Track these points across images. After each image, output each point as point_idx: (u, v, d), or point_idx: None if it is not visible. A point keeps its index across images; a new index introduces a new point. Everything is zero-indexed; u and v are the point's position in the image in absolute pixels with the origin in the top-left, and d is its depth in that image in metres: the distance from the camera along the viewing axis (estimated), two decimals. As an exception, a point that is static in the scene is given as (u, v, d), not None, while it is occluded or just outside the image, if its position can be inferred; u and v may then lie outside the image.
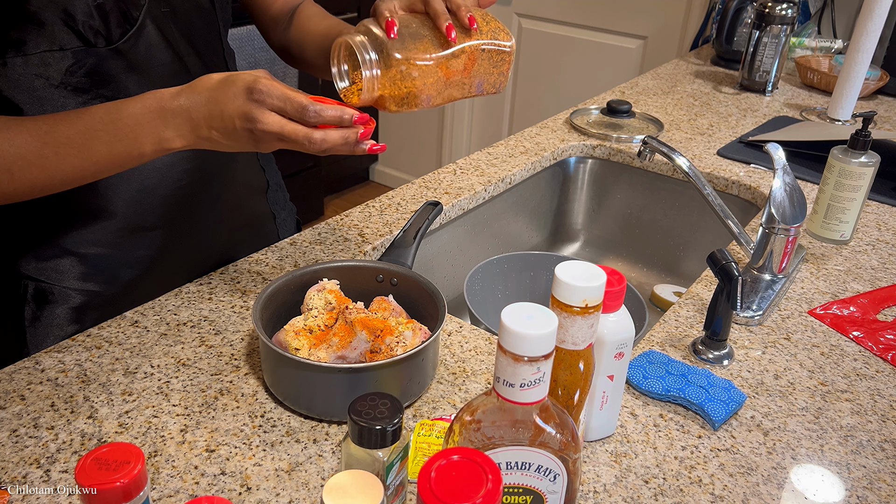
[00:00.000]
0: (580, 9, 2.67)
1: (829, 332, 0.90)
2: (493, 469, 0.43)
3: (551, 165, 1.43)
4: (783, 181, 0.95)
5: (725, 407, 0.74)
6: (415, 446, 0.67)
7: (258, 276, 0.94)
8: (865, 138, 0.97)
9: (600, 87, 2.61)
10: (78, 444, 0.67)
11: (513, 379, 0.46)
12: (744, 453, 0.71)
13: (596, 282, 0.52)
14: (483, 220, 1.29)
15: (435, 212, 0.96)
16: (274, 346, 0.69)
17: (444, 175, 1.27)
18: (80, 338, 0.81)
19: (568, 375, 0.56)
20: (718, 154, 1.40)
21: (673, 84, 1.83)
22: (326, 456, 0.68)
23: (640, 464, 0.69)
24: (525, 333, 0.45)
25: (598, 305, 0.53)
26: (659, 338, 0.87)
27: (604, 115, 1.53)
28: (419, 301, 0.80)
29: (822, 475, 0.69)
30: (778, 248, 0.96)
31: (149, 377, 0.76)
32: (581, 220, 1.53)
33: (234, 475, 0.65)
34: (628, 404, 0.77)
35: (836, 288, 0.99)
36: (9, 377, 0.74)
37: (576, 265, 0.53)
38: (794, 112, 1.67)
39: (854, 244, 1.11)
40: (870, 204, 1.24)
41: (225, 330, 0.83)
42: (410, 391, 0.73)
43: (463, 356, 0.82)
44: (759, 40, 1.74)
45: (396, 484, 0.57)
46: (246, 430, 0.70)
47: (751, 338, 0.88)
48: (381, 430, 0.53)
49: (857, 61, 1.52)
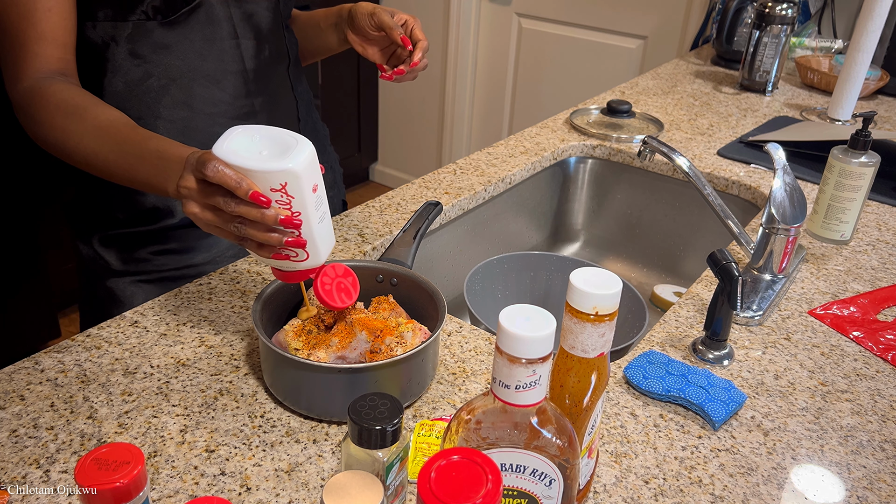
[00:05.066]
0: (580, 9, 2.67)
1: (829, 333, 0.90)
2: (493, 469, 0.43)
3: (551, 165, 1.43)
4: (783, 181, 0.95)
5: (725, 407, 0.74)
6: (415, 446, 0.67)
7: (258, 276, 0.94)
8: (865, 138, 0.96)
9: (600, 87, 2.61)
10: (77, 444, 0.67)
11: (509, 380, 0.46)
12: (744, 453, 0.71)
13: (609, 290, 0.51)
14: (483, 220, 1.29)
15: (435, 212, 0.96)
16: (274, 346, 0.69)
17: (444, 175, 1.27)
18: (80, 338, 0.81)
19: (576, 383, 0.55)
20: (718, 154, 1.40)
21: (673, 84, 1.83)
22: (326, 456, 0.67)
23: (640, 464, 0.69)
24: (522, 335, 0.45)
25: (610, 314, 0.52)
26: (659, 338, 0.87)
27: (604, 115, 1.53)
28: (419, 301, 0.80)
29: (822, 475, 0.69)
30: (778, 248, 0.96)
31: (148, 377, 0.76)
32: (581, 220, 1.53)
33: (233, 475, 0.65)
34: (628, 404, 0.77)
35: (837, 288, 0.99)
36: (8, 377, 0.74)
37: (592, 272, 0.53)
38: (795, 112, 1.67)
39: (854, 244, 1.11)
40: (870, 204, 1.24)
41: (225, 330, 0.83)
42: (410, 391, 0.73)
43: (463, 356, 0.82)
44: (759, 40, 1.74)
45: (396, 484, 0.57)
46: (246, 431, 0.70)
47: (751, 338, 0.88)
48: (381, 431, 0.53)
49: (858, 61, 1.52)
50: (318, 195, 0.68)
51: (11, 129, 2.04)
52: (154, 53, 0.92)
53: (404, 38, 0.97)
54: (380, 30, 1.00)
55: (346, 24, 1.05)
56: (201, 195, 0.66)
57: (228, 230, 0.67)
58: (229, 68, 0.97)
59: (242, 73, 0.99)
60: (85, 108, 0.82)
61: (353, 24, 1.04)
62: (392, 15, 0.99)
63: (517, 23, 2.85)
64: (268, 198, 0.64)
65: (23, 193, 2.13)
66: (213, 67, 0.96)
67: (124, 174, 0.80)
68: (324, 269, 0.73)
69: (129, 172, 0.79)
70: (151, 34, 0.91)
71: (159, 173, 0.75)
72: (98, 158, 0.81)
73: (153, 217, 0.99)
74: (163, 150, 0.75)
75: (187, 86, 0.95)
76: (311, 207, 0.67)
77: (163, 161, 0.75)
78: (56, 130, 0.83)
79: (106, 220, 1.00)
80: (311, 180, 0.66)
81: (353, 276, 0.75)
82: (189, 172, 0.67)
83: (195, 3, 0.92)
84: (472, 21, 2.94)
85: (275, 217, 0.65)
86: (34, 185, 2.17)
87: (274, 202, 0.65)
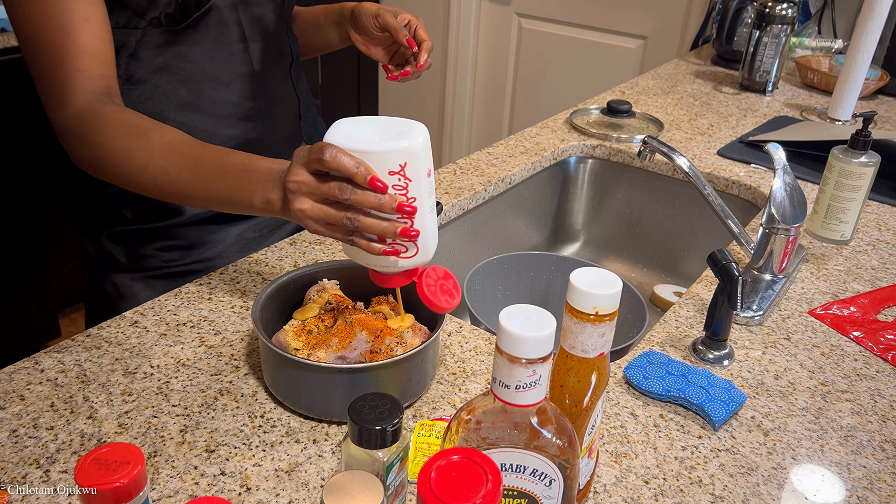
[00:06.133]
0: (580, 9, 2.67)
1: (829, 333, 0.90)
2: (493, 469, 0.43)
3: (551, 165, 1.43)
4: (783, 181, 0.95)
5: (726, 407, 0.74)
6: (415, 446, 0.67)
7: (258, 276, 0.94)
8: (866, 138, 0.96)
9: (600, 87, 2.61)
10: (77, 444, 0.67)
11: (508, 380, 0.46)
12: (744, 453, 0.71)
13: (609, 290, 0.51)
14: (483, 220, 1.29)
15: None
16: (274, 346, 0.69)
17: (444, 175, 1.27)
18: (80, 338, 0.81)
19: (576, 383, 0.55)
20: (718, 154, 1.40)
21: (673, 84, 1.83)
22: (326, 456, 0.67)
23: (640, 464, 0.69)
24: (522, 335, 0.45)
25: (610, 314, 0.52)
26: (659, 338, 0.87)
27: (604, 115, 1.53)
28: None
29: (822, 475, 0.69)
30: (778, 248, 0.96)
31: (148, 377, 0.76)
32: (581, 220, 1.53)
33: (233, 475, 0.65)
34: (628, 404, 0.77)
35: (837, 288, 0.99)
36: (8, 377, 0.74)
37: (592, 272, 0.53)
38: (795, 112, 1.67)
39: (854, 244, 1.11)
40: (870, 204, 1.24)
41: (225, 330, 0.83)
42: (410, 391, 0.73)
43: (463, 356, 0.82)
44: (759, 40, 1.74)
45: (396, 484, 0.57)
46: (246, 431, 0.70)
47: (751, 338, 0.88)
48: (381, 431, 0.53)
49: (858, 61, 1.52)
50: (430, 182, 0.67)
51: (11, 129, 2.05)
52: (163, 58, 0.92)
53: (409, 39, 0.97)
54: (384, 30, 1.01)
55: (349, 23, 1.05)
56: (315, 187, 0.65)
57: (341, 223, 0.65)
58: (238, 71, 0.97)
59: (251, 75, 0.99)
60: (149, 128, 0.79)
61: (356, 25, 1.04)
62: (396, 15, 0.99)
63: (517, 23, 2.85)
64: (385, 183, 0.63)
65: (23, 193, 2.13)
66: (222, 70, 0.96)
67: (200, 191, 0.76)
68: (426, 271, 0.71)
69: (205, 189, 0.76)
70: (161, 39, 0.91)
71: (243, 187, 0.72)
72: (169, 177, 0.77)
73: (161, 215, 0.99)
74: (248, 164, 0.73)
75: (196, 88, 0.95)
76: (425, 194, 0.66)
77: (248, 174, 0.72)
78: (118, 152, 0.78)
79: (113, 218, 1.00)
80: (427, 163, 0.65)
81: (453, 279, 0.74)
82: (300, 166, 0.65)
83: (206, 7, 0.92)
84: (472, 21, 2.94)
85: (392, 202, 0.63)
86: (34, 185, 2.17)
87: (391, 187, 0.63)
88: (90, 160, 0.81)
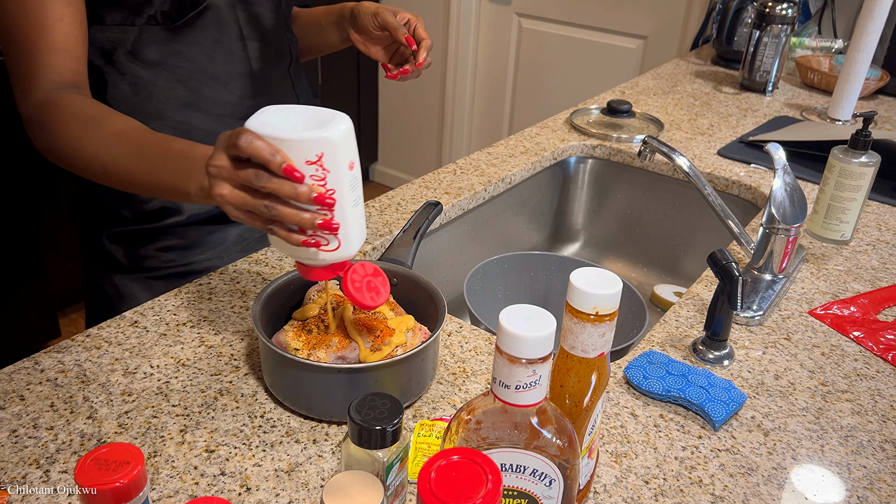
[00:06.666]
0: (580, 9, 2.67)
1: (829, 333, 0.90)
2: (493, 469, 0.43)
3: (551, 165, 1.42)
4: (783, 181, 0.95)
5: (726, 407, 0.74)
6: (415, 446, 0.67)
7: (258, 276, 0.94)
8: (866, 138, 0.96)
9: (600, 87, 2.61)
10: (77, 444, 0.67)
11: (509, 380, 0.46)
12: (744, 454, 0.71)
13: (608, 290, 0.51)
14: (483, 220, 1.29)
15: (435, 212, 0.96)
16: (274, 346, 0.69)
17: (444, 175, 1.27)
18: (80, 338, 0.81)
19: (576, 383, 0.55)
20: (719, 154, 1.40)
21: (673, 84, 1.83)
22: (326, 456, 0.67)
23: (640, 464, 0.69)
24: (522, 335, 0.45)
25: (610, 314, 0.52)
26: (659, 338, 0.87)
27: (604, 115, 1.53)
28: (419, 301, 0.80)
29: (822, 475, 0.69)
30: (778, 248, 0.95)
31: (148, 377, 0.76)
32: (581, 220, 1.53)
33: (233, 475, 0.65)
34: (628, 404, 0.77)
35: (837, 288, 0.99)
36: (8, 377, 0.74)
37: (592, 272, 0.53)
38: (795, 112, 1.67)
39: (854, 244, 1.11)
40: (870, 204, 1.24)
41: (225, 330, 0.83)
42: (410, 391, 0.73)
43: (463, 356, 0.82)
44: (759, 40, 1.73)
45: (396, 484, 0.57)
46: (246, 431, 0.70)
47: (751, 338, 0.88)
48: (381, 431, 0.53)
49: (858, 61, 1.52)
50: (353, 175, 0.65)
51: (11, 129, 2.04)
52: (162, 56, 0.92)
53: (408, 37, 0.97)
54: (383, 29, 1.00)
55: (349, 23, 1.05)
56: (233, 173, 0.64)
57: (259, 211, 0.64)
58: (237, 70, 0.98)
59: (249, 74, 0.99)
60: (102, 116, 0.80)
61: (356, 24, 1.04)
62: (395, 14, 0.99)
63: (517, 23, 2.85)
64: (301, 173, 0.61)
65: (22, 193, 2.13)
66: (221, 69, 0.96)
67: (146, 179, 0.77)
68: (353, 267, 0.70)
69: (151, 177, 0.76)
70: (159, 37, 0.91)
71: (183, 172, 0.72)
72: (118, 165, 0.78)
73: (160, 215, 0.99)
74: (187, 150, 0.73)
75: (195, 87, 0.95)
76: (346, 186, 0.64)
77: (187, 161, 0.72)
78: (72, 140, 0.80)
79: (112, 218, 1.00)
80: (348, 155, 0.63)
81: (382, 276, 0.72)
82: (220, 151, 0.65)
83: (203, 6, 0.92)
84: (472, 21, 2.94)
85: (308, 193, 0.62)
86: (34, 186, 2.17)
87: (308, 177, 0.62)
88: (49, 148, 0.83)
